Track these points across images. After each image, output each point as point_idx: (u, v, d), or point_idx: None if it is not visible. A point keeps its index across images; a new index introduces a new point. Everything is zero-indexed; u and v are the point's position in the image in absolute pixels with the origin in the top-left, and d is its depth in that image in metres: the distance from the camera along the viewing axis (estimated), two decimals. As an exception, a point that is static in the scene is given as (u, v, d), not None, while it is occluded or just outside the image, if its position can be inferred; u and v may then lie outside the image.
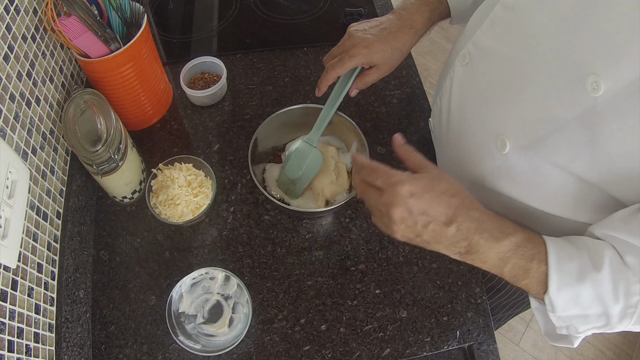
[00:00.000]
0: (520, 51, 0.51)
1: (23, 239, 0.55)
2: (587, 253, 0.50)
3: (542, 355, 1.62)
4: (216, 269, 0.69)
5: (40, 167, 0.62)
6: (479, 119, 0.59)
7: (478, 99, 0.59)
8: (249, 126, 0.87)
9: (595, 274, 0.48)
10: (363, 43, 0.67)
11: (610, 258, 0.48)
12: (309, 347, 0.67)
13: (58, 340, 0.60)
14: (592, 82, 0.43)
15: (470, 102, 0.61)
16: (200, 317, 0.68)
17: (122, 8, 0.71)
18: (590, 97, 0.43)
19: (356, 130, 0.74)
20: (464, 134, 0.63)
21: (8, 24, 0.57)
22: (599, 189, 0.50)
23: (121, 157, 0.69)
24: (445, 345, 0.68)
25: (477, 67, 0.59)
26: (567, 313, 0.51)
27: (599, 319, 0.49)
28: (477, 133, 0.60)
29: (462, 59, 0.62)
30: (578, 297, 0.49)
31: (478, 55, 0.59)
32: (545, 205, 0.57)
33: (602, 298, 0.48)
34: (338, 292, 0.71)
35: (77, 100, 0.66)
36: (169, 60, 0.96)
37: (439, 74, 0.80)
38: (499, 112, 0.55)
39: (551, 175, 0.52)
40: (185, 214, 0.72)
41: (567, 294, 0.49)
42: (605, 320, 0.49)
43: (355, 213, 0.78)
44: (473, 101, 0.61)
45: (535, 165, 0.53)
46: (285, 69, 0.95)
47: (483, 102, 0.58)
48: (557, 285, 0.49)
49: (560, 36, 0.46)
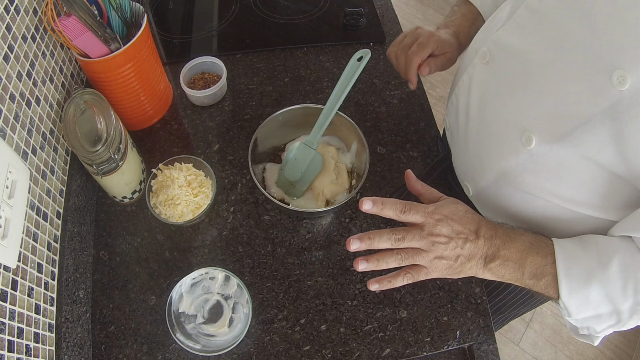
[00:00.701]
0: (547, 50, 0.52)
1: (23, 239, 0.55)
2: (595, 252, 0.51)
3: (542, 355, 1.62)
4: (216, 269, 0.69)
5: (40, 167, 0.62)
6: (501, 115, 0.59)
7: (501, 96, 0.60)
8: (249, 126, 0.87)
9: (602, 273, 0.50)
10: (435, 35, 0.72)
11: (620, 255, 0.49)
12: (309, 347, 0.67)
13: (58, 340, 0.60)
14: (618, 77, 0.43)
15: (492, 99, 0.61)
16: (200, 317, 0.68)
17: (122, 8, 0.71)
18: (616, 90, 0.44)
19: (356, 130, 0.74)
20: (485, 130, 0.64)
21: (8, 24, 0.57)
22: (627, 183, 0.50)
23: (121, 157, 0.69)
24: (445, 345, 0.68)
25: (499, 65, 0.60)
26: (582, 315, 0.53)
27: (610, 317, 0.52)
28: (500, 129, 0.60)
29: (482, 57, 0.62)
30: (588, 298, 0.51)
31: (500, 54, 0.60)
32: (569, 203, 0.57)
33: (611, 296, 0.50)
34: (338, 292, 0.71)
35: (77, 100, 0.66)
36: (169, 60, 0.96)
37: (439, 74, 0.81)
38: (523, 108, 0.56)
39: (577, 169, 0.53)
40: (185, 214, 0.72)
41: (578, 297, 0.52)
42: (617, 317, 0.51)
43: (355, 213, 0.78)
44: (495, 99, 0.61)
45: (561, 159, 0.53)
46: (285, 69, 0.95)
47: (507, 99, 0.58)
48: (568, 290, 0.52)
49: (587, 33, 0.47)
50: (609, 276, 0.49)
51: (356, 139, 0.77)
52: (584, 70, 0.47)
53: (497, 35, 0.59)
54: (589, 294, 0.51)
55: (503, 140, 0.60)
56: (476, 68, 0.64)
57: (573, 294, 0.52)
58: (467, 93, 0.66)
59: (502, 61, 0.59)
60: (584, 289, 0.51)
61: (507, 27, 0.58)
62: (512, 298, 0.82)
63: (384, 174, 0.82)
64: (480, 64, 0.63)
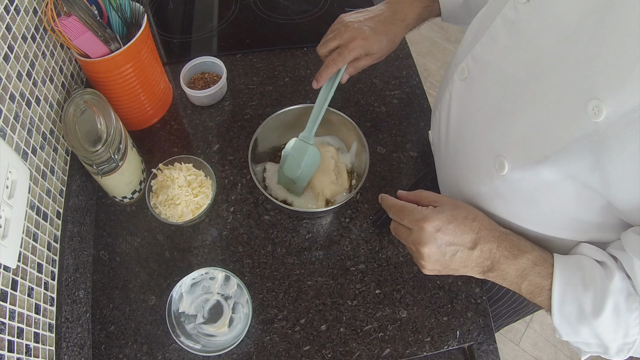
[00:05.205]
0: (521, 69, 0.50)
1: (23, 239, 0.55)
2: (592, 296, 0.49)
3: (542, 355, 1.62)
4: (216, 269, 0.69)
5: (40, 167, 0.62)
6: (477, 137, 0.58)
7: (477, 117, 0.58)
8: (249, 126, 0.87)
9: (592, 320, 0.49)
10: (361, 35, 0.68)
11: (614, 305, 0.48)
12: (309, 347, 0.67)
13: (58, 340, 0.60)
14: (593, 107, 0.41)
15: (469, 119, 0.60)
16: (200, 317, 0.68)
17: (122, 8, 0.71)
18: (591, 122, 0.41)
19: (356, 130, 0.74)
20: (462, 151, 0.62)
21: (8, 24, 0.57)
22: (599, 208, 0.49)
23: (121, 157, 0.69)
24: (445, 345, 0.68)
25: (476, 83, 0.58)
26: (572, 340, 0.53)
27: (599, 347, 0.52)
28: (475, 152, 0.59)
29: (460, 72, 0.60)
30: (578, 333, 0.51)
31: (477, 70, 0.58)
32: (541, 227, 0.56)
33: (600, 337, 0.50)
34: (338, 292, 0.71)
35: (77, 100, 0.66)
36: (169, 60, 0.96)
37: (439, 74, 0.80)
38: (497, 132, 0.54)
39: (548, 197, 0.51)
40: (185, 214, 0.72)
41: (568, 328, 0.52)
42: (604, 350, 0.51)
43: (355, 213, 0.78)
44: (472, 118, 0.59)
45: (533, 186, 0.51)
46: (285, 69, 0.95)
47: (482, 120, 0.57)
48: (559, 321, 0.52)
49: (563, 56, 0.44)
50: (600, 323, 0.49)
51: (356, 139, 0.77)
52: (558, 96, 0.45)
53: (475, 50, 0.57)
54: (579, 330, 0.51)
55: (478, 163, 0.58)
56: (455, 84, 0.62)
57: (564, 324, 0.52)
58: (448, 110, 0.65)
59: (479, 78, 0.57)
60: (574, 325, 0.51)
61: (484, 40, 0.56)
62: (512, 304, 0.81)
63: (384, 174, 0.82)
64: (459, 80, 0.61)
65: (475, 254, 0.53)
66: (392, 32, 0.70)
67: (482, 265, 0.54)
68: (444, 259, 0.53)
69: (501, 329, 1.08)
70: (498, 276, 0.54)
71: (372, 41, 0.68)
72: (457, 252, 0.53)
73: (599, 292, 0.49)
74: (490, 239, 0.53)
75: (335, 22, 0.72)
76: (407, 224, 0.55)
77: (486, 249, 0.53)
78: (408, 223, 0.55)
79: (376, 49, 0.69)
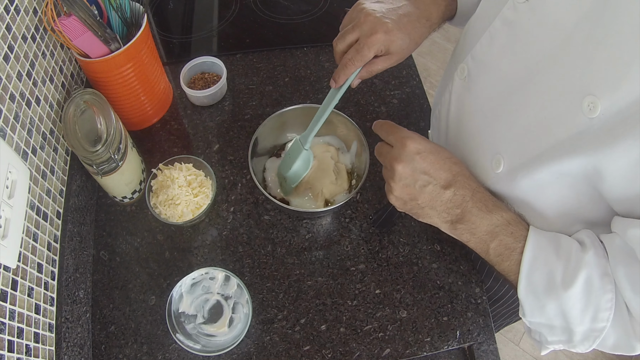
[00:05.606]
0: (520, 68, 0.50)
1: (23, 239, 0.55)
2: (564, 265, 0.48)
3: (542, 355, 1.62)
4: (216, 269, 0.69)
5: (40, 167, 0.62)
6: (476, 135, 0.58)
7: (476, 115, 0.58)
8: (249, 126, 0.87)
9: (561, 292, 0.47)
10: (383, 28, 0.58)
11: (586, 278, 0.47)
12: (309, 347, 0.67)
13: (58, 340, 0.60)
14: (589, 103, 0.41)
15: (469, 117, 0.60)
16: (200, 317, 0.68)
17: (122, 8, 0.71)
18: (586, 118, 0.42)
19: (356, 130, 0.74)
20: (461, 149, 0.62)
21: (8, 24, 0.57)
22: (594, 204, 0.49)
23: (121, 157, 0.69)
24: (445, 345, 0.68)
25: (476, 82, 0.58)
26: (535, 319, 0.52)
27: (563, 332, 0.50)
28: (474, 150, 0.58)
29: (460, 72, 0.60)
30: (544, 308, 0.49)
31: (476, 70, 0.57)
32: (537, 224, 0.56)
33: (567, 315, 0.48)
34: (338, 292, 0.71)
35: (77, 100, 0.66)
36: (169, 60, 0.96)
37: (438, 74, 0.79)
38: (496, 130, 0.54)
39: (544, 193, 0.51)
40: (185, 214, 0.72)
41: (533, 301, 0.50)
42: (569, 336, 0.49)
43: (355, 213, 0.78)
44: (471, 117, 0.59)
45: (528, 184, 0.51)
46: (285, 69, 0.95)
47: (481, 119, 0.57)
48: (525, 291, 0.50)
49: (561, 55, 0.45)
50: (569, 297, 0.47)
51: (356, 139, 0.77)
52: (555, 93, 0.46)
53: (475, 50, 0.57)
54: (545, 304, 0.49)
55: (475, 162, 0.58)
56: (455, 84, 0.62)
57: (530, 296, 0.50)
58: (447, 109, 0.64)
59: (478, 78, 0.57)
60: (541, 297, 0.49)
61: (483, 40, 0.55)
62: (512, 304, 0.81)
63: (384, 174, 0.82)
64: (459, 80, 0.61)
65: (446, 195, 0.51)
66: (417, 31, 0.61)
67: (450, 213, 0.52)
68: (413, 187, 0.52)
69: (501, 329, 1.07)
70: (466, 230, 0.52)
71: (394, 37, 0.58)
72: (428, 184, 0.51)
73: (572, 263, 0.48)
74: (466, 186, 0.52)
75: (353, 8, 0.62)
76: (392, 140, 0.54)
77: (459, 194, 0.51)
78: (393, 139, 0.54)
79: (397, 47, 0.59)
